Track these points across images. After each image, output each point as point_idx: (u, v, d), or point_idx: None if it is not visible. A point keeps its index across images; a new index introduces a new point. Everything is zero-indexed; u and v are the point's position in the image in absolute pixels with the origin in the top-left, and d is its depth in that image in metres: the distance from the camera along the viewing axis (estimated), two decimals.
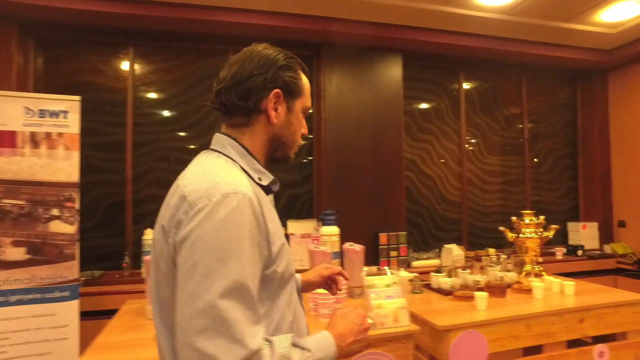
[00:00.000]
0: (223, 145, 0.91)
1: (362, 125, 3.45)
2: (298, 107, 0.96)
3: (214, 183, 0.78)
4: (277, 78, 0.90)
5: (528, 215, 2.68)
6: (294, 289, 0.93)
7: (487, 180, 4.05)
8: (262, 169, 0.91)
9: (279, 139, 0.94)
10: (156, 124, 3.26)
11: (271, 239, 0.82)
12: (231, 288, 0.71)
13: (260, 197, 0.83)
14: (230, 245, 0.73)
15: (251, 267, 0.76)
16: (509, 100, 4.16)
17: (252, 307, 0.74)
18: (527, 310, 1.95)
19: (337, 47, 3.44)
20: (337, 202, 3.37)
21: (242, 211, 0.75)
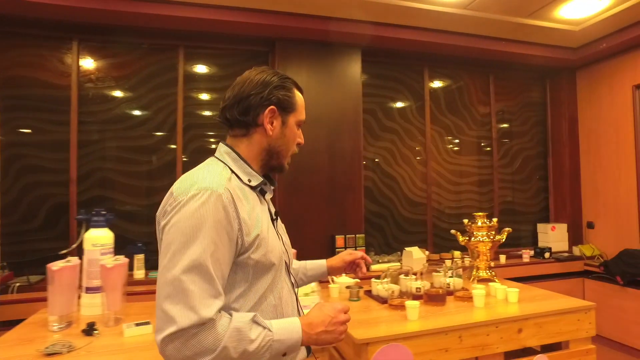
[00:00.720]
0: (221, 152, 1.10)
1: (318, 125, 3.32)
2: (292, 121, 1.11)
3: (193, 182, 0.96)
4: (272, 96, 1.07)
5: (480, 218, 2.56)
6: (281, 276, 1.07)
7: (454, 181, 3.93)
8: (252, 172, 1.07)
9: (274, 148, 1.10)
10: (103, 122, 3.11)
11: (245, 230, 0.97)
12: (192, 266, 0.88)
13: (239, 194, 1.00)
14: (194, 231, 0.90)
15: (213, 250, 0.91)
16: (476, 99, 4.03)
17: (210, 282, 0.89)
18: (461, 320, 1.82)
19: (292, 43, 3.30)
20: (292, 205, 3.24)
21: (209, 205, 0.92)
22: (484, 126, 4.04)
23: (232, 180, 1.02)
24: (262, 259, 0.99)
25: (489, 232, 2.53)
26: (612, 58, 3.72)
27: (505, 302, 2.08)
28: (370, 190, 3.69)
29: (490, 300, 2.11)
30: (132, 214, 3.15)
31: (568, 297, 2.13)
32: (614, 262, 3.44)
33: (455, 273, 2.44)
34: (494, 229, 2.56)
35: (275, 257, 1.03)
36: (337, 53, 3.40)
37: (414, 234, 3.80)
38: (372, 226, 3.70)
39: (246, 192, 1.03)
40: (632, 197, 3.51)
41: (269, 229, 1.05)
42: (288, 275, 1.12)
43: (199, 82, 3.33)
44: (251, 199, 1.03)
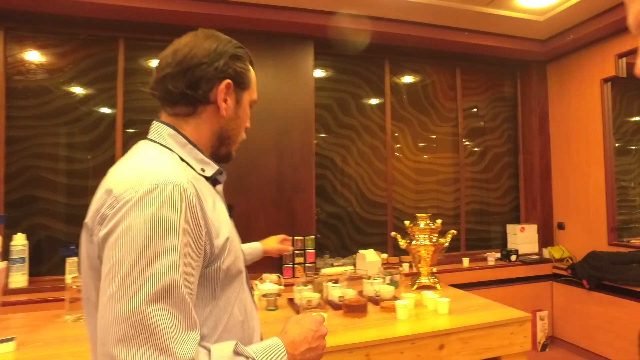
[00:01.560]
0: (160, 134, 0.84)
1: (265, 121, 3.11)
2: (246, 100, 0.92)
3: (143, 173, 0.70)
4: (229, 68, 0.86)
5: (423, 219, 2.35)
6: (243, 285, 0.87)
7: (417, 180, 3.71)
8: (205, 159, 0.85)
9: (226, 132, 0.89)
10: (36, 117, 2.92)
11: (213, 232, 0.76)
12: (159, 290, 0.63)
13: (200, 188, 0.77)
14: (158, 241, 0.65)
15: (185, 266, 0.67)
16: (442, 94, 3.81)
17: (184, 311, 0.66)
18: (372, 335, 1.62)
19: (239, 34, 3.08)
20: (238, 205, 3.04)
21: (173, 203, 0.68)
22: (450, 122, 3.82)
23: (188, 170, 0.80)
24: (231, 267, 0.80)
25: (431, 235, 2.32)
26: (580, 50, 3.49)
27: (435, 314, 1.88)
28: (326, 189, 3.48)
29: (420, 312, 1.91)
30: (66, 214, 2.96)
31: (506, 308, 1.92)
32: (581, 265, 3.22)
33: (391, 279, 2.24)
34: (437, 232, 2.35)
35: (241, 262, 0.86)
36: (287, 45, 3.20)
37: (373, 235, 3.59)
38: (327, 227, 3.49)
39: (205, 184, 0.83)
40: (600, 195, 3.28)
41: (232, 229, 0.85)
42: (247, 283, 0.93)
43: (142, 75, 3.14)
44: (210, 193, 0.83)
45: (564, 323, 3.46)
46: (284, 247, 1.83)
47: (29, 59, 2.93)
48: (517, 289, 3.48)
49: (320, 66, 3.49)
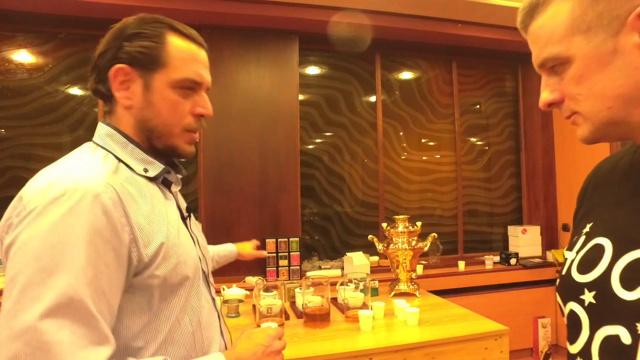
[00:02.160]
0: (99, 134, 0.80)
1: (247, 119, 2.99)
2: (160, 83, 0.77)
3: (55, 179, 0.65)
4: (120, 51, 0.76)
5: (401, 221, 2.18)
6: (197, 292, 0.80)
7: (410, 179, 3.53)
8: (148, 158, 0.79)
9: (144, 124, 0.78)
10: (16, 117, 2.88)
11: (142, 239, 0.69)
12: (57, 304, 0.58)
13: (131, 190, 0.72)
14: (60, 251, 0.60)
15: (95, 276, 0.62)
16: (437, 89, 3.61)
17: (89, 325, 0.60)
18: (325, 348, 1.47)
19: (219, 29, 2.99)
20: (217, 207, 2.93)
21: (82, 210, 0.63)
22: (446, 119, 3.62)
23: (120, 172, 0.73)
24: (171, 274, 0.73)
25: (410, 239, 2.15)
26: None
27: (404, 325, 1.71)
28: (314, 189, 3.34)
29: (389, 322, 1.74)
30: None
31: (483, 320, 1.74)
32: None
33: (365, 285, 2.08)
34: (416, 235, 2.17)
35: (189, 268, 0.77)
36: (270, 40, 3.07)
37: (364, 237, 3.42)
38: (315, 229, 3.35)
39: (142, 187, 0.75)
40: None
41: (180, 231, 0.79)
42: (208, 289, 0.86)
43: None
44: (150, 195, 0.75)
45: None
46: (258, 252, 1.75)
47: (6, 58, 2.89)
48: (517, 294, 3.26)
49: (307, 62, 3.35)
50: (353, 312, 1.75)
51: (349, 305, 1.85)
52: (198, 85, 0.82)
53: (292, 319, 1.82)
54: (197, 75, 0.80)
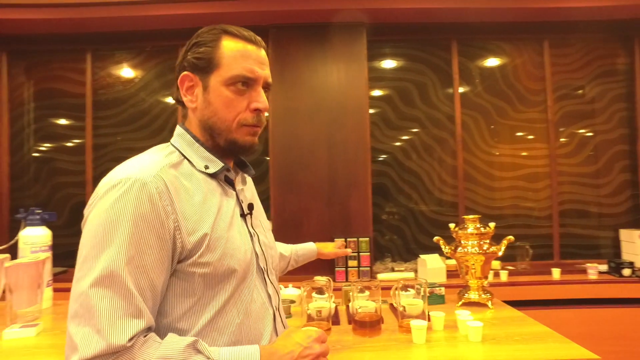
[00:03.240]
0: (175, 135, 0.91)
1: (315, 116, 2.93)
2: (215, 83, 0.85)
3: (120, 171, 0.76)
4: (184, 61, 0.87)
5: (471, 222, 1.91)
6: (249, 286, 0.85)
7: (494, 175, 3.14)
8: (210, 156, 0.87)
9: (207, 123, 0.87)
10: (113, 125, 3.20)
11: (186, 228, 0.76)
12: (102, 276, 0.68)
13: (184, 182, 0.80)
14: (109, 231, 0.70)
15: (136, 256, 0.70)
16: (525, 74, 3.17)
17: (126, 298, 0.69)
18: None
19: (286, 29, 2.97)
20: (287, 205, 2.92)
21: (130, 197, 0.72)
22: (536, 107, 3.15)
23: (182, 167, 0.83)
24: (216, 264, 0.78)
25: (481, 242, 1.88)
26: None
27: (464, 341, 1.48)
28: (386, 187, 3.16)
29: (449, 336, 1.52)
30: None
31: (568, 343, 1.42)
32: None
33: (431, 292, 1.87)
34: (488, 237, 1.89)
35: (237, 261, 0.82)
36: (336, 35, 2.97)
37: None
38: (389, 229, 3.16)
39: (199, 181, 0.83)
40: None
41: (233, 226, 0.84)
42: (264, 284, 0.90)
43: None
44: (204, 189, 0.83)
45: None
46: (341, 251, 1.71)
47: (109, 74, 3.22)
48: (631, 312, 2.70)
49: (377, 55, 3.18)
50: (408, 322, 1.57)
51: (405, 313, 1.67)
52: (252, 81, 0.85)
53: (343, 324, 1.70)
54: (248, 71, 0.84)
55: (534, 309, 2.58)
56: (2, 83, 3.17)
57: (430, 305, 1.89)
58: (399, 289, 1.64)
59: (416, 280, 1.69)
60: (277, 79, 2.96)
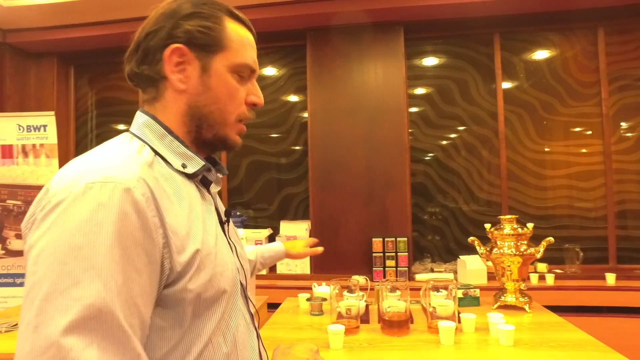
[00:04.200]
0: (137, 125, 0.70)
1: (352, 115, 2.94)
2: (220, 66, 0.69)
3: (84, 169, 0.56)
4: (177, 30, 0.67)
5: (508, 222, 1.84)
6: (235, 307, 0.69)
7: (541, 174, 2.98)
8: (188, 153, 0.69)
9: (197, 110, 0.69)
10: None
11: (175, 244, 0.59)
12: (84, 317, 0.48)
13: (165, 187, 0.62)
14: (86, 255, 0.50)
15: (126, 284, 0.52)
16: (575, 65, 2.97)
17: (120, 343, 0.50)
18: (381, 358, 1.32)
19: (324, 31, 3.01)
20: (325, 204, 2.95)
21: (112, 207, 0.53)
22: (588, 100, 2.94)
23: (156, 167, 0.64)
24: (206, 287, 0.62)
25: (518, 243, 1.80)
26: None
27: (495, 344, 1.43)
28: (425, 187, 3.10)
29: (480, 338, 1.48)
30: None
31: (608, 352, 1.32)
32: None
33: (465, 293, 1.83)
34: (526, 238, 1.81)
35: (227, 280, 0.67)
36: (373, 35, 2.96)
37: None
38: (429, 229, 3.10)
39: (178, 185, 0.66)
40: None
41: (218, 238, 0.69)
42: (246, 304, 0.75)
43: None
44: (187, 195, 0.66)
45: None
46: (311, 250, 1.56)
47: None
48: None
49: (415, 54, 3.12)
50: (437, 323, 1.54)
51: (435, 314, 1.64)
52: (253, 73, 0.75)
53: (373, 323, 1.70)
54: (254, 63, 0.74)
55: (584, 316, 2.42)
56: (70, 94, 3.48)
57: (465, 307, 1.84)
58: (428, 290, 1.62)
59: (447, 281, 1.65)
60: (315, 81, 3.00)
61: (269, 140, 3.29)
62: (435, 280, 1.64)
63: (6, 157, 2.69)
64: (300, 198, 3.20)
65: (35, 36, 3.13)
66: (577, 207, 2.91)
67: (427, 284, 1.61)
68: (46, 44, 3.20)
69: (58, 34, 3.09)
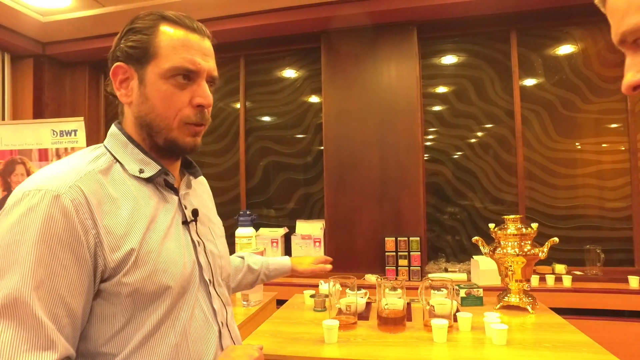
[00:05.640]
0: (108, 136, 0.79)
1: (366, 117, 2.97)
2: (152, 75, 0.73)
3: (31, 181, 0.66)
4: (117, 50, 0.75)
5: (512, 222, 1.82)
6: (188, 303, 0.75)
7: (560, 173, 2.89)
8: (145, 159, 0.75)
9: (142, 120, 0.75)
10: None
11: (109, 243, 0.66)
12: (2, 305, 0.58)
13: (110, 191, 0.69)
14: (12, 251, 0.60)
15: (42, 278, 0.60)
16: (597, 60, 2.86)
17: (33, 329, 0.58)
18: (376, 354, 1.35)
19: (337, 33, 3.05)
20: (339, 204, 3.00)
21: (37, 212, 0.61)
22: (611, 96, 2.83)
23: (111, 173, 0.72)
24: (146, 282, 0.68)
25: (522, 243, 1.78)
26: None
27: (488, 344, 1.43)
28: (439, 186, 3.08)
29: (475, 337, 1.48)
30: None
31: (605, 355, 1.30)
32: None
33: (468, 293, 1.83)
34: (530, 238, 1.78)
35: (171, 277, 0.71)
36: (385, 35, 2.98)
37: None
38: (443, 228, 3.08)
39: (128, 188, 0.72)
40: None
41: (169, 236, 0.74)
42: (208, 298, 0.80)
43: (261, 86, 3.44)
44: (135, 198, 0.72)
45: None
46: (319, 267, 1.53)
47: None
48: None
49: (429, 54, 3.11)
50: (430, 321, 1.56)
51: (434, 312, 1.66)
52: (194, 74, 0.74)
53: (372, 320, 1.73)
54: (189, 63, 0.73)
55: (604, 320, 2.35)
56: (100, 100, 3.70)
57: (468, 306, 1.84)
58: (424, 288, 1.64)
59: (445, 280, 1.67)
60: (329, 82, 3.06)
61: (286, 141, 3.37)
62: (433, 280, 1.66)
63: (42, 159, 2.91)
64: (317, 197, 3.26)
65: (70, 47, 3.36)
66: (600, 207, 2.81)
67: (425, 282, 1.63)
68: (79, 54, 3.43)
69: (90, 44, 3.30)
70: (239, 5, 2.90)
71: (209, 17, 3.02)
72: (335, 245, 2.99)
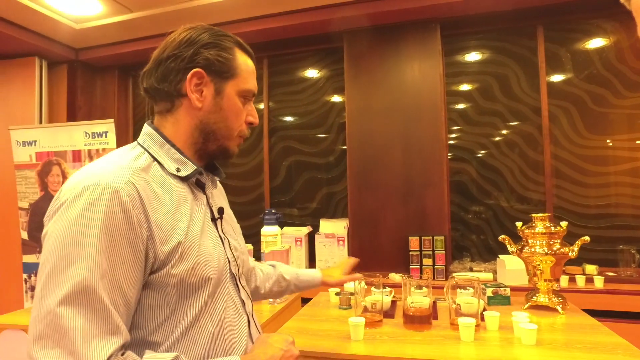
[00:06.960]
0: (142, 135, 0.84)
1: (389, 115, 2.96)
2: (231, 90, 0.83)
3: (85, 176, 0.70)
4: (198, 56, 0.81)
5: (540, 220, 1.78)
6: (222, 293, 0.81)
7: (590, 171, 2.80)
8: (182, 159, 0.81)
9: (207, 126, 0.83)
10: None
11: (159, 236, 0.71)
12: (74, 292, 0.62)
13: (155, 188, 0.75)
14: (78, 243, 0.64)
15: (110, 268, 0.65)
16: (630, 53, 2.75)
17: (101, 315, 0.63)
18: (401, 351, 1.34)
19: (360, 32, 3.05)
20: (363, 203, 3.00)
21: (100, 205, 0.66)
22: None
23: (152, 171, 0.77)
24: (189, 274, 0.74)
25: (551, 241, 1.73)
26: None
27: (517, 343, 1.40)
28: (464, 185, 3.03)
29: (503, 337, 1.46)
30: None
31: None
32: None
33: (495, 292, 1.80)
34: (559, 237, 1.73)
35: (211, 269, 0.77)
36: (408, 33, 2.95)
37: None
38: (468, 227, 3.03)
39: (170, 186, 0.78)
40: None
41: (204, 232, 0.80)
42: (237, 290, 0.86)
43: (284, 87, 3.47)
44: (176, 195, 0.78)
45: None
46: (349, 278, 1.45)
47: None
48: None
49: (453, 51, 3.07)
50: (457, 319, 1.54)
51: (460, 311, 1.64)
52: (253, 97, 0.89)
53: (397, 318, 1.73)
54: (255, 88, 0.89)
55: (638, 323, 2.26)
56: (129, 102, 3.81)
57: (495, 305, 1.81)
58: (450, 287, 1.62)
59: (472, 279, 1.64)
60: (352, 81, 3.05)
61: (309, 141, 3.39)
62: (459, 278, 1.64)
63: (76, 160, 3.02)
64: (340, 196, 3.27)
65: (101, 52, 3.48)
66: (634, 205, 2.71)
67: (450, 281, 1.61)
68: (109, 59, 3.54)
69: (119, 49, 3.41)
70: (261, 7, 2.93)
71: (233, 20, 3.07)
72: (359, 244, 2.99)
